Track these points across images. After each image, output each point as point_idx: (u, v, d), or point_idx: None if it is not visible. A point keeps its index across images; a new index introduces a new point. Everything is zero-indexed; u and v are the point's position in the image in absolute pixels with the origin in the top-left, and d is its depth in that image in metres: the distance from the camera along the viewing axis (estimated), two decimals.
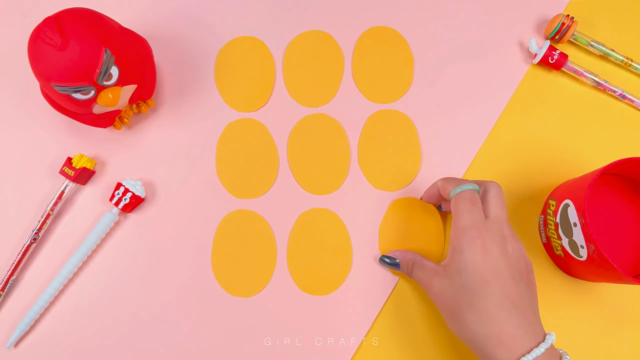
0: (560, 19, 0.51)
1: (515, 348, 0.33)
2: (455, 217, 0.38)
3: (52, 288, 0.46)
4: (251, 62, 0.53)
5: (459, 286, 0.36)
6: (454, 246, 0.37)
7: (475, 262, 0.35)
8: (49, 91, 0.43)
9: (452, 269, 0.37)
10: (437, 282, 0.38)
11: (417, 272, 0.41)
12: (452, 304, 0.36)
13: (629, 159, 0.41)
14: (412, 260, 0.43)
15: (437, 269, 0.39)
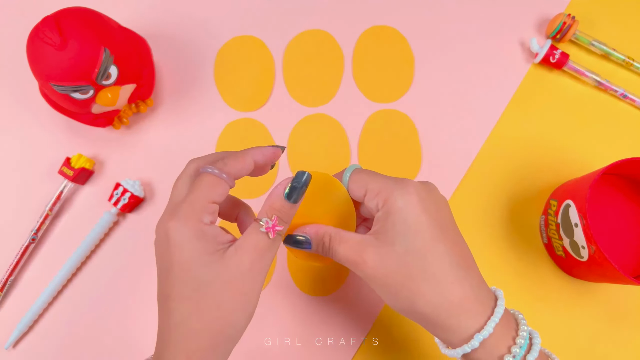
0: (562, 18, 0.51)
1: (478, 312, 0.29)
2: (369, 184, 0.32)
3: (50, 288, 0.46)
4: (251, 61, 0.53)
5: (403, 252, 0.29)
6: (385, 209, 0.30)
7: (418, 218, 0.29)
8: (48, 91, 0.43)
9: (391, 234, 0.30)
10: (371, 254, 0.30)
11: (339, 247, 0.31)
12: (399, 275, 0.30)
13: (631, 159, 0.41)
14: (327, 234, 0.32)
15: (365, 240, 0.31)
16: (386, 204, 0.30)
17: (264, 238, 0.29)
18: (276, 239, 0.29)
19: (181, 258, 0.27)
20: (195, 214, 0.28)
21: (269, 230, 0.29)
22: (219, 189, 0.29)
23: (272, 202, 0.30)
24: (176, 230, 0.28)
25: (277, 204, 0.30)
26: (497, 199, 0.49)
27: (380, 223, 0.31)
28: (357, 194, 0.32)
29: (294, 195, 0.30)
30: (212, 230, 0.28)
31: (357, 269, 0.31)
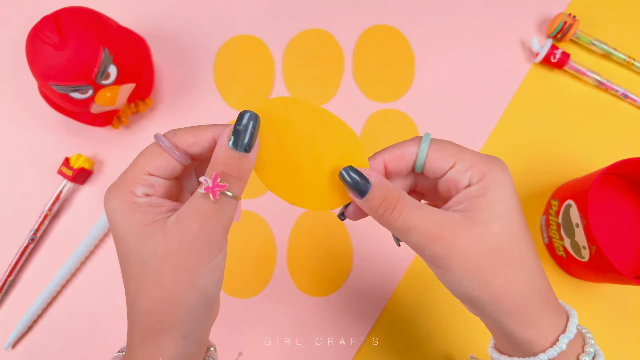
0: (562, 17, 0.51)
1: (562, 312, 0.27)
2: (461, 154, 0.27)
3: (49, 289, 0.45)
4: (250, 61, 0.53)
5: (501, 234, 0.25)
6: (483, 184, 0.26)
7: (516, 200, 0.26)
8: (47, 90, 0.42)
9: (488, 212, 0.25)
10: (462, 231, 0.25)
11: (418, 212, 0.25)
12: (495, 259, 0.25)
13: (631, 159, 0.41)
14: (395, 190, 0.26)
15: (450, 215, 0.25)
16: (485, 179, 0.25)
17: (207, 202, 0.24)
18: (224, 201, 0.24)
19: (121, 233, 0.25)
20: (126, 185, 0.25)
21: (209, 191, 0.24)
22: (157, 161, 0.25)
23: (216, 154, 0.24)
24: (109, 204, 0.25)
25: (221, 157, 0.24)
26: None
27: (472, 200, 0.25)
28: (441, 164, 0.27)
29: (240, 141, 0.24)
30: (148, 201, 0.25)
31: (436, 246, 0.25)
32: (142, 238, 0.24)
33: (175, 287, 0.24)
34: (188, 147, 0.26)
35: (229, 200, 0.24)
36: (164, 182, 0.26)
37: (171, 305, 0.24)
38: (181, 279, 0.24)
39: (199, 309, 0.25)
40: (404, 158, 0.27)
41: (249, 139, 0.24)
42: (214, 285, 0.25)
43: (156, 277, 0.24)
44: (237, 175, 0.24)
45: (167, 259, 0.24)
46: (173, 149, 0.25)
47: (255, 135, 0.25)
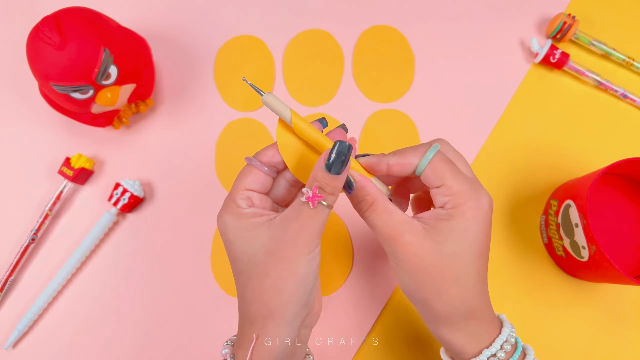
0: (562, 18, 0.51)
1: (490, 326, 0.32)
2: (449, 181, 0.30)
3: (50, 289, 0.45)
4: (251, 61, 0.53)
5: (449, 254, 0.30)
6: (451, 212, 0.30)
7: (476, 235, 0.30)
8: (48, 91, 0.43)
9: (444, 235, 0.30)
10: (414, 239, 0.30)
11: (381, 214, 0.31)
12: (433, 272, 0.30)
13: (631, 159, 0.41)
14: (371, 195, 0.31)
15: (412, 224, 0.31)
16: (455, 209, 0.30)
17: (306, 208, 0.29)
18: (320, 209, 0.29)
19: (229, 240, 0.31)
20: (232, 201, 0.31)
21: (309, 200, 0.29)
22: (250, 177, 0.31)
23: (315, 173, 0.30)
24: (221, 219, 0.31)
25: (319, 176, 0.30)
26: (498, 199, 0.49)
27: (436, 220, 0.30)
28: (430, 181, 0.31)
29: (333, 167, 0.29)
30: (251, 211, 0.31)
31: (390, 245, 0.31)
32: (250, 238, 0.30)
33: (279, 275, 0.29)
34: (269, 160, 0.32)
35: (324, 208, 0.29)
36: (260, 197, 0.32)
37: (275, 290, 0.29)
38: (284, 267, 0.29)
39: (299, 295, 0.29)
40: (405, 167, 0.32)
41: (342, 166, 0.29)
42: (312, 275, 0.30)
43: (262, 268, 0.29)
44: (330, 191, 0.30)
45: (272, 251, 0.29)
46: (262, 165, 0.32)
47: (347, 162, 0.30)
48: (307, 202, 0.29)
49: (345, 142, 0.29)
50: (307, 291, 0.30)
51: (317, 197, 0.29)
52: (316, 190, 0.29)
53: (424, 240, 0.30)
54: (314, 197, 0.29)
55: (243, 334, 0.31)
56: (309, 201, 0.29)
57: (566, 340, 0.46)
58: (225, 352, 0.31)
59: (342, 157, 0.29)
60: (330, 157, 0.29)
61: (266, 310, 0.29)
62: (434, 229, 0.30)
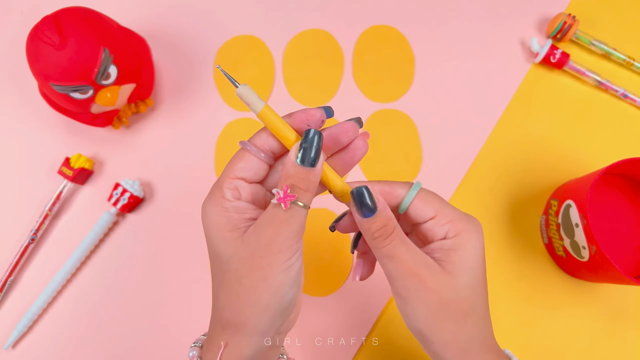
0: (562, 17, 0.51)
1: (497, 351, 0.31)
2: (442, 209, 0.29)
3: (50, 289, 0.45)
4: (250, 61, 0.53)
5: (464, 287, 0.28)
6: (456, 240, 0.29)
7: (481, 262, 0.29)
8: (47, 90, 0.43)
9: (458, 266, 0.28)
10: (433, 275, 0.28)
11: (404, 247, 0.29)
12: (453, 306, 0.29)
13: (631, 159, 0.41)
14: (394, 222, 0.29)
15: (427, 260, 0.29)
16: (459, 236, 0.28)
17: (280, 211, 0.26)
18: (295, 210, 0.27)
19: (207, 234, 0.28)
20: (218, 191, 0.28)
21: (281, 201, 0.26)
22: (241, 162, 0.28)
23: (285, 168, 0.27)
24: (204, 209, 0.28)
25: (290, 171, 0.27)
26: (498, 199, 0.49)
27: (445, 252, 0.29)
28: (422, 213, 0.29)
29: (307, 157, 0.27)
30: (235, 205, 0.28)
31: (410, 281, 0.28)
32: (225, 240, 0.27)
33: (253, 284, 0.27)
34: (265, 144, 0.29)
35: (299, 209, 0.27)
36: (250, 187, 0.28)
37: (248, 301, 0.27)
38: (257, 276, 0.27)
39: (275, 306, 0.27)
40: (391, 195, 0.30)
41: (315, 155, 0.27)
42: (288, 286, 0.27)
43: (236, 274, 0.27)
44: (305, 187, 0.27)
45: (245, 260, 0.27)
46: (258, 151, 0.28)
47: (319, 151, 0.27)
48: (278, 203, 0.26)
49: (315, 129, 0.27)
50: (284, 302, 0.28)
51: (289, 196, 0.26)
52: (287, 189, 0.26)
53: (441, 275, 0.28)
54: (285, 197, 0.26)
55: (212, 338, 0.29)
56: (281, 202, 0.26)
57: (566, 340, 0.46)
58: (192, 355, 0.30)
59: (314, 145, 0.27)
60: (301, 147, 0.27)
61: (238, 319, 0.27)
62: (447, 261, 0.29)
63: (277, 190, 0.27)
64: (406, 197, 0.29)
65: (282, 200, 0.26)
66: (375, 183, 0.30)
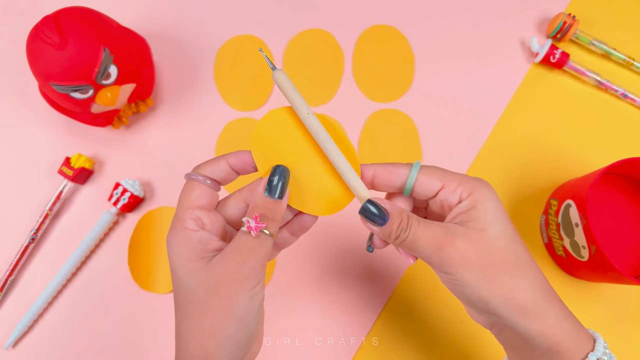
0: (562, 17, 0.51)
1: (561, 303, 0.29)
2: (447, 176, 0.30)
3: (50, 288, 0.45)
4: (251, 60, 0.53)
5: (497, 236, 0.28)
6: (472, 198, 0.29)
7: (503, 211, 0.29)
8: (48, 90, 0.43)
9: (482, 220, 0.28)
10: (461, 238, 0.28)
11: (422, 226, 0.29)
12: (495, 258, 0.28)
13: (631, 159, 0.41)
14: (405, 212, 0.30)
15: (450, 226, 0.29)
16: (473, 194, 0.29)
17: (248, 239, 0.28)
18: (263, 238, 0.28)
19: (173, 267, 0.29)
20: (179, 222, 0.29)
21: (251, 229, 0.28)
22: (194, 192, 0.29)
23: (254, 200, 0.29)
24: (168, 242, 0.29)
25: (259, 202, 0.29)
26: None
27: (465, 212, 0.29)
28: (430, 187, 0.30)
29: (273, 191, 0.29)
30: (199, 235, 0.29)
31: (442, 252, 0.28)
32: (190, 271, 0.28)
33: (217, 315, 0.27)
34: (213, 174, 0.30)
35: (267, 237, 0.28)
36: (209, 216, 0.30)
37: (213, 332, 0.27)
38: (223, 305, 0.27)
39: (239, 336, 0.28)
40: (393, 175, 0.30)
41: (281, 190, 0.29)
42: (252, 314, 0.28)
43: (200, 306, 0.27)
44: (272, 217, 0.29)
45: (210, 289, 0.27)
46: (205, 180, 0.30)
47: (285, 185, 0.29)
48: (248, 231, 0.28)
49: (280, 165, 0.30)
50: (248, 332, 0.28)
51: (259, 224, 0.28)
52: (257, 218, 0.28)
53: (468, 234, 0.28)
54: (255, 225, 0.28)
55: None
56: (251, 230, 0.28)
57: None
58: None
59: (281, 180, 0.29)
60: (270, 180, 0.29)
61: (202, 352, 0.27)
62: (469, 220, 0.29)
63: (247, 219, 0.28)
64: (409, 176, 0.30)
65: (252, 229, 0.28)
66: (377, 164, 0.31)
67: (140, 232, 0.47)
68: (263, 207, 0.29)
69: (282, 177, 0.29)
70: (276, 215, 0.29)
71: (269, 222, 0.28)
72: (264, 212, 0.28)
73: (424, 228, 0.29)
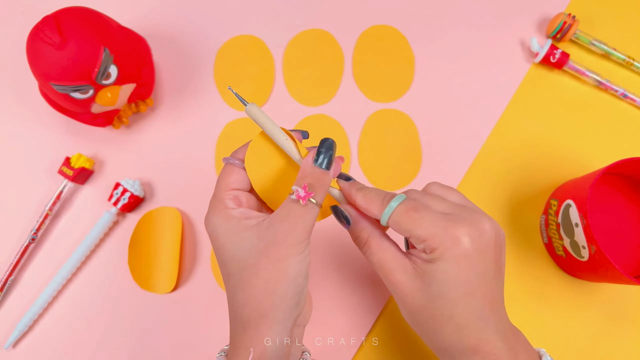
0: (562, 17, 0.51)
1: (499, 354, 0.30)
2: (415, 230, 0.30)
3: (50, 288, 0.45)
4: (251, 61, 0.53)
5: (435, 296, 0.30)
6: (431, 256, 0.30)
7: (458, 274, 0.29)
8: (48, 90, 0.43)
9: (430, 277, 0.30)
10: (405, 279, 0.31)
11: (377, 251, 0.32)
12: (425, 312, 0.31)
13: (631, 159, 0.41)
14: (367, 230, 0.33)
15: (404, 264, 0.31)
16: (432, 254, 0.30)
17: (297, 206, 0.29)
18: (310, 207, 0.29)
19: (219, 243, 0.30)
20: (219, 202, 0.31)
21: (300, 198, 0.29)
22: (233, 175, 0.31)
23: (303, 170, 0.31)
24: (209, 222, 0.31)
25: (308, 171, 0.30)
26: (498, 199, 0.49)
27: (421, 262, 0.31)
28: (400, 233, 0.31)
29: (321, 160, 0.30)
30: (240, 211, 0.31)
31: (386, 283, 0.32)
32: (240, 241, 0.30)
33: (270, 276, 0.29)
34: None
35: (314, 206, 0.30)
36: (246, 195, 0.32)
37: (267, 292, 0.29)
38: (275, 267, 0.29)
39: (290, 296, 0.29)
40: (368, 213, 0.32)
41: (329, 160, 0.31)
42: (302, 275, 0.29)
43: (253, 269, 0.29)
44: (319, 187, 0.30)
45: (262, 252, 0.29)
46: (241, 163, 0.32)
47: (333, 157, 0.31)
48: (297, 200, 0.29)
49: (328, 138, 0.31)
50: (299, 291, 0.30)
51: (308, 194, 0.29)
52: (306, 187, 0.29)
53: (414, 280, 0.31)
54: (305, 194, 0.29)
55: (235, 343, 0.30)
56: (300, 199, 0.29)
57: (566, 340, 0.46)
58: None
59: (329, 152, 0.31)
60: (319, 152, 0.30)
61: (258, 312, 0.29)
62: (421, 270, 0.31)
63: (297, 188, 0.29)
64: (381, 220, 0.31)
65: (301, 197, 0.29)
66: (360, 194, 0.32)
67: (141, 232, 0.47)
68: (312, 177, 0.30)
69: (330, 149, 0.31)
70: (323, 185, 0.30)
71: (317, 191, 0.30)
72: (312, 182, 0.30)
73: (382, 256, 0.32)
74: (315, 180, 0.30)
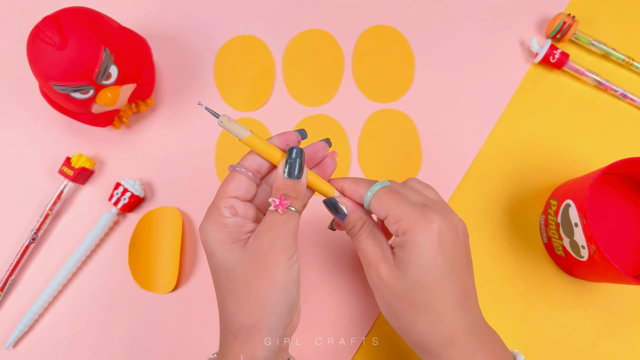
0: (562, 18, 0.51)
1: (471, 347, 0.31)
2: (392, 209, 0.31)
3: (50, 288, 0.45)
4: (251, 61, 0.53)
5: (412, 283, 0.30)
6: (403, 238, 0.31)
7: (433, 258, 0.30)
8: (48, 90, 0.43)
9: (405, 263, 0.31)
10: (385, 267, 0.32)
11: (368, 240, 0.33)
12: (403, 300, 0.31)
13: (631, 159, 0.41)
14: (363, 219, 0.34)
15: (387, 255, 0.32)
16: (405, 235, 0.31)
17: (277, 215, 0.30)
18: (290, 214, 0.31)
19: (209, 251, 0.31)
20: (216, 210, 0.31)
21: (277, 207, 0.30)
22: (233, 183, 0.32)
23: (276, 183, 0.32)
24: (202, 229, 0.31)
25: (280, 184, 0.31)
26: (497, 199, 0.49)
27: (397, 249, 0.32)
28: (378, 213, 0.32)
29: (291, 171, 0.31)
30: (234, 221, 0.31)
31: (369, 272, 0.33)
32: (229, 251, 0.30)
33: (260, 285, 0.29)
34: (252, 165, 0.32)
35: (293, 213, 0.31)
36: (244, 205, 0.32)
37: (258, 301, 0.29)
38: (264, 277, 0.29)
39: (283, 304, 0.30)
40: (355, 195, 0.34)
41: (298, 169, 0.31)
42: (291, 283, 0.30)
43: (243, 280, 0.30)
44: (294, 196, 0.31)
45: (250, 264, 0.30)
46: (247, 171, 0.32)
47: (302, 165, 0.32)
48: (275, 210, 0.30)
49: (297, 147, 0.32)
50: (290, 299, 0.30)
51: (284, 202, 0.31)
52: (282, 197, 0.31)
53: (394, 269, 0.31)
54: (280, 203, 0.30)
55: (226, 349, 0.30)
56: (277, 208, 0.30)
57: (566, 340, 0.46)
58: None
59: (297, 161, 0.31)
60: (287, 163, 0.31)
61: (250, 321, 0.29)
62: (398, 257, 0.31)
63: (273, 199, 0.31)
64: (364, 199, 0.33)
65: (278, 206, 0.30)
66: (346, 180, 0.34)
67: (141, 232, 0.47)
68: (285, 188, 0.31)
69: (298, 157, 0.31)
70: (298, 193, 0.31)
71: (293, 200, 0.31)
72: (287, 192, 0.31)
73: (370, 243, 0.33)
74: (289, 191, 0.31)
